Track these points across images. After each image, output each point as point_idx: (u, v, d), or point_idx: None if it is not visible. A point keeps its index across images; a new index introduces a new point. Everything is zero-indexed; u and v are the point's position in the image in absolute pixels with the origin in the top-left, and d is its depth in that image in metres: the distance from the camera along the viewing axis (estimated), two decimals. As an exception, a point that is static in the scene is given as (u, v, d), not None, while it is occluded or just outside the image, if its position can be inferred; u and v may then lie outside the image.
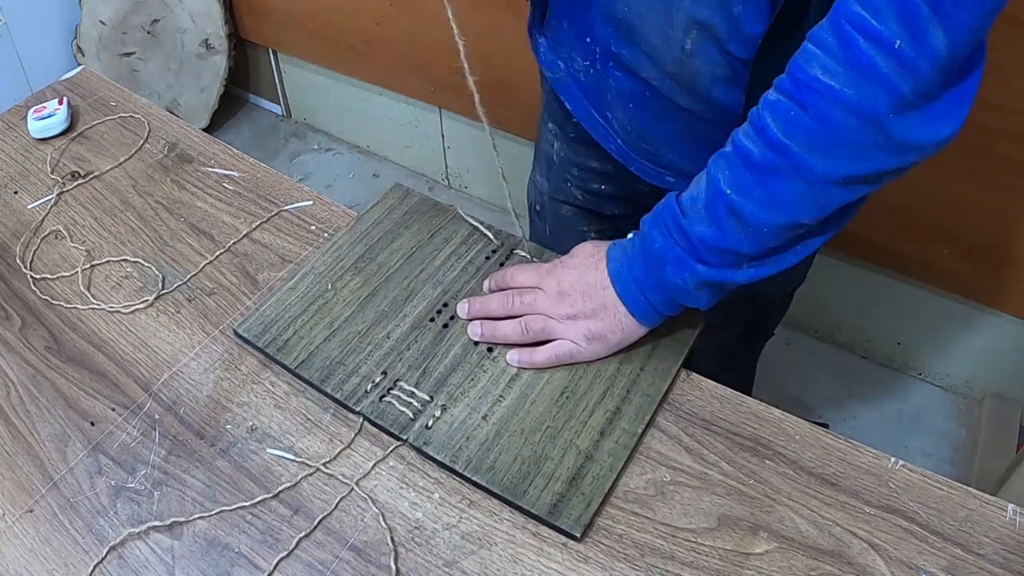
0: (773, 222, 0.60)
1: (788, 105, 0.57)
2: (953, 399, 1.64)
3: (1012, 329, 1.47)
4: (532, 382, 0.73)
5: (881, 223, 1.44)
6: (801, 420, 0.71)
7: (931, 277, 1.48)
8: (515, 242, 0.87)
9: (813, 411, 1.63)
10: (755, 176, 0.59)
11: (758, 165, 0.59)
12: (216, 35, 2.21)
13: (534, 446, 0.69)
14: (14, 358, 0.80)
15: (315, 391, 0.75)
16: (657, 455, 0.69)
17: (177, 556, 0.64)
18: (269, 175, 0.98)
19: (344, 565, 0.63)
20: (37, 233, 0.92)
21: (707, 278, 0.64)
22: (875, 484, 0.66)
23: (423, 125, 2.10)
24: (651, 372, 0.74)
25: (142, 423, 0.73)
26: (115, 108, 1.09)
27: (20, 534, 0.66)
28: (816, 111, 0.55)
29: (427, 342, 0.77)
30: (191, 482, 0.69)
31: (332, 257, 0.85)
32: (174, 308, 0.84)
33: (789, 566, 0.62)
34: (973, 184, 1.30)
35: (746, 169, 0.59)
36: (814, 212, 0.59)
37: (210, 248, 0.90)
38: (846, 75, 0.54)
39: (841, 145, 0.55)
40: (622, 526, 0.65)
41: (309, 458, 0.70)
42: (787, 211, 0.59)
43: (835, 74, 0.54)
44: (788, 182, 0.58)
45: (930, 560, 0.62)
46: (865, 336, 1.69)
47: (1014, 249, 1.33)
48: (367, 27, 1.93)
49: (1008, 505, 0.64)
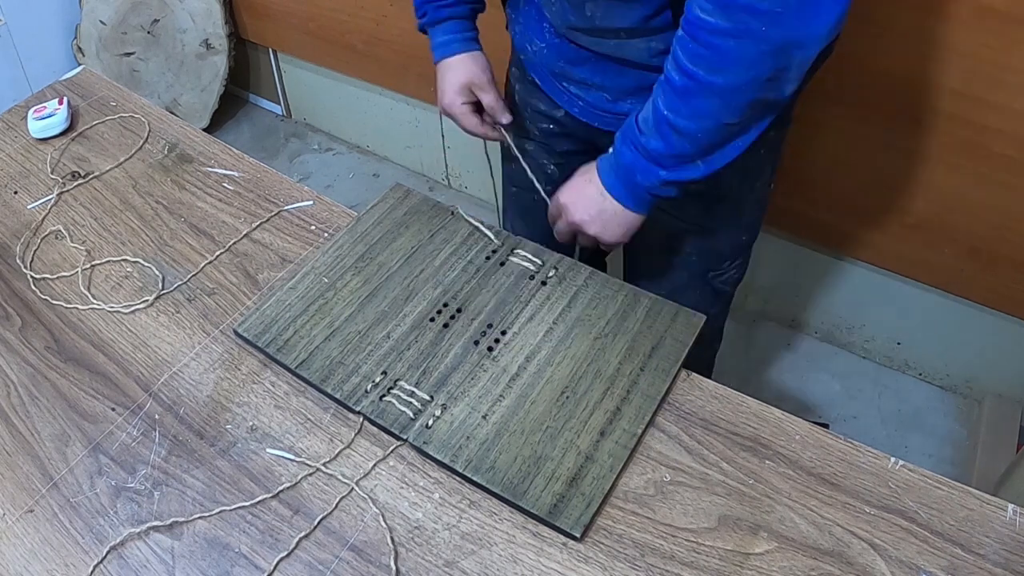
0: (703, 128, 0.74)
1: (686, 40, 0.71)
2: (953, 399, 1.64)
3: (1012, 329, 1.47)
4: (532, 382, 0.73)
5: (882, 223, 1.44)
6: (801, 420, 0.71)
7: (931, 277, 1.48)
8: (515, 242, 0.87)
9: (813, 411, 1.63)
10: (680, 97, 0.73)
11: (679, 89, 0.73)
12: (216, 35, 2.21)
13: (534, 446, 0.69)
14: (14, 358, 0.80)
15: (315, 391, 0.75)
16: (657, 455, 0.69)
17: (177, 556, 0.64)
18: (269, 175, 0.98)
19: (344, 565, 0.63)
20: (37, 233, 0.92)
21: (668, 178, 0.78)
22: (875, 484, 0.66)
23: (423, 125, 2.10)
24: (651, 372, 0.74)
25: (142, 423, 0.73)
26: (115, 108, 1.09)
27: (20, 534, 0.66)
28: (705, 42, 0.69)
29: (427, 342, 0.77)
30: (191, 482, 0.69)
31: (332, 257, 0.85)
32: (174, 308, 0.84)
33: (789, 566, 0.62)
34: (973, 184, 1.30)
35: (673, 92, 0.74)
36: (734, 115, 0.73)
37: (210, 248, 0.90)
38: (715, 10, 0.67)
39: (732, 63, 0.69)
40: (622, 526, 0.65)
41: (309, 458, 0.70)
42: (711, 118, 0.73)
43: (708, 11, 0.67)
44: (702, 98, 0.72)
45: (930, 560, 0.62)
46: (865, 336, 1.69)
47: (1014, 249, 1.33)
48: (367, 27, 1.93)
49: (1008, 505, 0.64)
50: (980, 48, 1.14)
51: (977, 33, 1.12)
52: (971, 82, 1.18)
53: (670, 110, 0.74)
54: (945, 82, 1.19)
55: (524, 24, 0.96)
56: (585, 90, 0.92)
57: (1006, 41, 1.11)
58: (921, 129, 1.26)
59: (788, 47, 0.67)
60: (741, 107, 0.72)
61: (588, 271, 0.84)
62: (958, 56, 1.15)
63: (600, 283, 0.82)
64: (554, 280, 0.83)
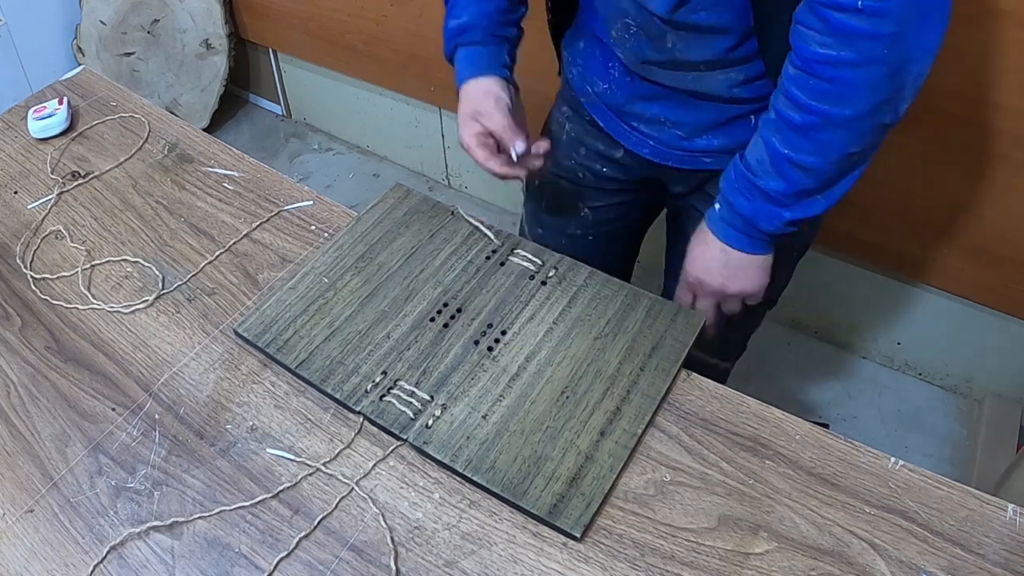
0: (828, 161, 0.73)
1: (805, 77, 0.70)
2: (953, 399, 1.64)
3: (1012, 329, 1.47)
4: (532, 382, 0.73)
5: (881, 223, 1.44)
6: (801, 420, 0.71)
7: (931, 277, 1.48)
8: (515, 242, 0.87)
9: (813, 411, 1.63)
10: (802, 135, 0.72)
11: (800, 126, 0.71)
12: (216, 35, 2.21)
13: (534, 446, 0.69)
14: (14, 358, 0.80)
15: (315, 391, 0.75)
16: (657, 455, 0.69)
17: (177, 556, 0.64)
18: (269, 175, 0.98)
19: (344, 565, 0.63)
20: (37, 233, 0.92)
21: (791, 217, 0.77)
22: (875, 484, 0.66)
23: (423, 125, 2.10)
24: (651, 372, 0.74)
25: (142, 423, 0.73)
26: (115, 108, 1.09)
27: (20, 534, 0.66)
28: (828, 76, 0.68)
29: (427, 342, 0.77)
30: (191, 482, 0.69)
31: (332, 257, 0.85)
32: (174, 308, 0.84)
33: (789, 566, 0.62)
34: (973, 184, 1.30)
35: (791, 130, 0.72)
36: (860, 143, 0.72)
37: (210, 248, 0.90)
38: (837, 43, 0.66)
39: (858, 93, 0.68)
40: (622, 526, 0.65)
41: (309, 458, 0.70)
42: (837, 150, 0.72)
43: (829, 45, 0.67)
44: (829, 131, 0.71)
45: (930, 560, 0.62)
46: (865, 336, 1.69)
47: (1014, 249, 1.33)
48: (367, 27, 1.93)
49: (1008, 505, 0.64)
50: (980, 48, 1.14)
51: (977, 33, 1.12)
52: (971, 82, 1.18)
53: (792, 149, 0.73)
54: (945, 82, 1.19)
55: (584, 66, 0.93)
56: (658, 128, 0.90)
57: (1006, 41, 1.11)
58: (921, 129, 1.26)
59: (907, 65, 0.67)
60: (865, 134, 0.71)
61: (588, 271, 0.84)
62: (958, 56, 1.15)
63: (600, 283, 0.82)
64: (554, 280, 0.83)
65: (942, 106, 1.23)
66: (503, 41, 0.92)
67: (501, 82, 0.88)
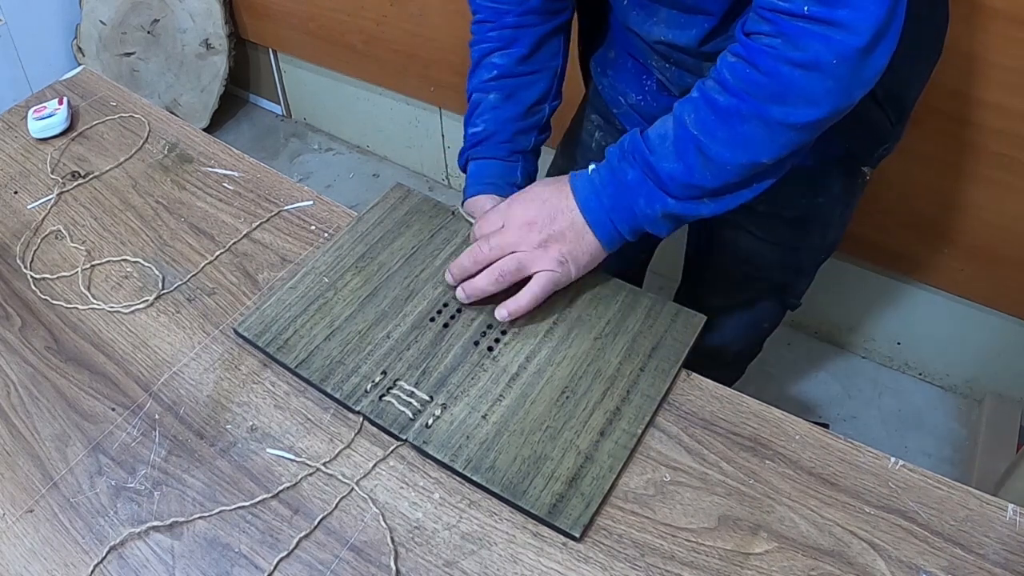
0: (735, 161, 0.66)
1: (743, 65, 0.64)
2: (953, 399, 1.64)
3: (1012, 329, 1.47)
4: (532, 382, 0.73)
5: (881, 223, 1.44)
6: (801, 420, 0.71)
7: (931, 277, 1.48)
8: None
9: (813, 411, 1.63)
10: (720, 119, 0.65)
11: (723, 109, 0.65)
12: (216, 35, 2.21)
13: (534, 446, 0.69)
14: (14, 358, 0.80)
15: (315, 391, 0.75)
16: (657, 455, 0.69)
17: (177, 556, 0.64)
18: (269, 175, 0.98)
19: (344, 565, 0.63)
20: (37, 233, 0.92)
21: (673, 210, 0.70)
22: (875, 484, 0.66)
23: (423, 125, 2.10)
24: (651, 372, 0.74)
25: (142, 423, 0.73)
26: (115, 108, 1.09)
27: (20, 534, 0.66)
28: (767, 69, 0.62)
29: (427, 342, 0.77)
30: (191, 482, 0.69)
31: (332, 257, 0.85)
32: (174, 308, 0.84)
33: (789, 566, 0.62)
34: (973, 184, 1.30)
35: (712, 113, 0.66)
36: (772, 152, 0.66)
37: (210, 248, 0.90)
38: (784, 43, 0.61)
39: (794, 95, 0.62)
40: (622, 526, 0.65)
41: (309, 458, 0.70)
42: (748, 151, 0.66)
43: (775, 42, 0.62)
44: (749, 124, 0.64)
45: (930, 560, 0.62)
46: (865, 336, 1.69)
47: (1014, 249, 1.33)
48: (367, 27, 1.93)
49: (1008, 505, 0.64)
50: (980, 48, 1.14)
51: (977, 33, 1.12)
52: (971, 82, 1.18)
53: (702, 131, 0.66)
54: (945, 82, 1.19)
55: (615, 78, 0.91)
56: None
57: (1006, 41, 1.11)
58: (920, 129, 1.26)
59: (856, 87, 0.62)
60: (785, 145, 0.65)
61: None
62: (958, 56, 1.15)
63: (600, 283, 0.82)
64: (554, 280, 0.83)
65: (942, 106, 1.23)
66: (518, 156, 0.88)
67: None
